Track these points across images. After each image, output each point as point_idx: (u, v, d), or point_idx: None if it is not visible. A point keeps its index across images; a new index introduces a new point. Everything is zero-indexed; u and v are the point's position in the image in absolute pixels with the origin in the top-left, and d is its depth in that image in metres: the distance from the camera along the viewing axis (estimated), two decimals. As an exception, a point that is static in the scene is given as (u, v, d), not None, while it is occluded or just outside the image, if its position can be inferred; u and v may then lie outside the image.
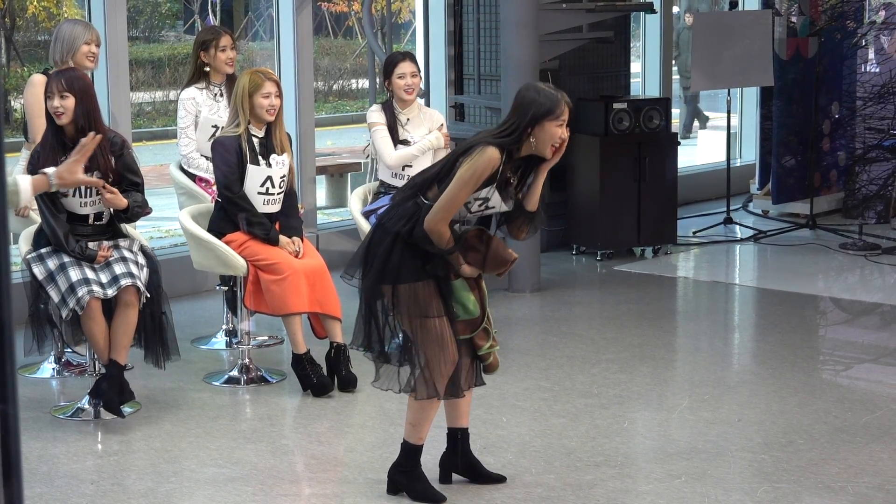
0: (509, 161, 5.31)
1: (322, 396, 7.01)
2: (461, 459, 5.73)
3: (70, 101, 6.44)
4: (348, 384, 7.13)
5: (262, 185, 7.13)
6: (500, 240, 5.49)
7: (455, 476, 5.75)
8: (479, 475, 5.73)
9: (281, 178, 7.17)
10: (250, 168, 7.07)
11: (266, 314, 7.27)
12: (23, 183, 4.82)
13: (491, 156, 5.23)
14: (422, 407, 5.52)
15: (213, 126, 7.90)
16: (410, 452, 5.61)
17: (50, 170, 4.92)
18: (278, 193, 7.20)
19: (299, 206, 7.58)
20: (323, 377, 7.08)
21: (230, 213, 7.16)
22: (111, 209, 6.60)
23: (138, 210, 6.69)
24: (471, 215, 5.39)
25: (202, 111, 8.04)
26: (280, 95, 7.16)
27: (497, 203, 5.35)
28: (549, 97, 5.29)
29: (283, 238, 7.16)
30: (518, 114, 5.31)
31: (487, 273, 5.45)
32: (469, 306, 5.41)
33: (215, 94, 8.07)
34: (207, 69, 8.11)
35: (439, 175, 5.34)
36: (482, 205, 5.33)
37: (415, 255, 5.33)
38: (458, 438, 5.73)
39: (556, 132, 5.29)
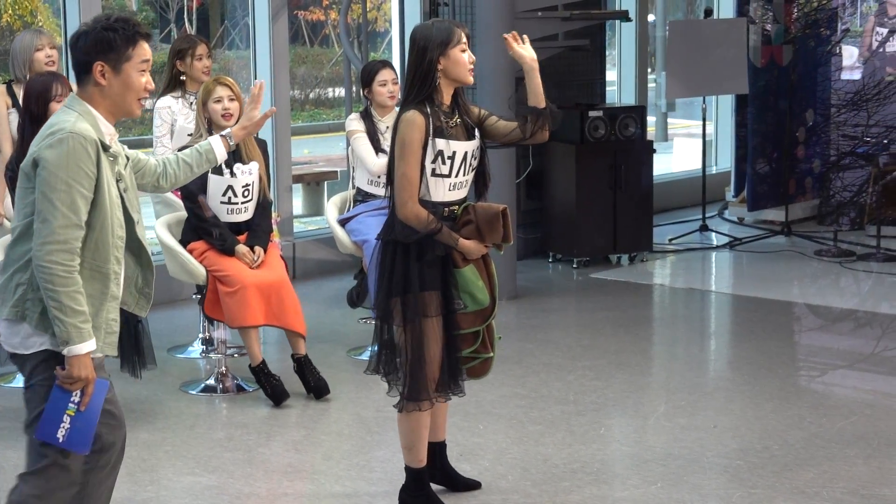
0: (437, 109, 5.22)
1: (279, 405, 6.99)
2: (439, 470, 5.71)
3: None
4: (320, 392, 7.13)
5: (224, 195, 7.12)
6: (481, 202, 5.36)
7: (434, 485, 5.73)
8: (457, 484, 5.72)
9: (244, 186, 7.13)
10: (210, 177, 7.06)
11: (223, 323, 7.27)
12: (215, 143, 4.84)
13: (408, 119, 5.17)
14: (410, 427, 5.43)
15: (188, 135, 7.89)
16: (415, 476, 5.53)
17: (226, 130, 4.98)
18: (243, 203, 7.17)
19: (275, 214, 7.57)
20: (277, 387, 7.06)
21: (191, 222, 7.18)
22: None
23: None
24: (456, 179, 5.26)
25: (178, 120, 8.03)
26: (236, 99, 7.12)
27: (462, 147, 5.24)
28: (441, 26, 5.24)
29: (240, 248, 7.12)
30: (417, 59, 5.22)
31: (488, 241, 5.29)
32: (478, 295, 5.29)
33: (191, 103, 8.06)
34: (183, 78, 8.10)
35: (389, 167, 5.31)
36: (450, 161, 5.22)
37: (416, 259, 5.24)
38: (435, 452, 5.68)
39: (463, 57, 5.22)
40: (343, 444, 6.53)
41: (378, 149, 7.92)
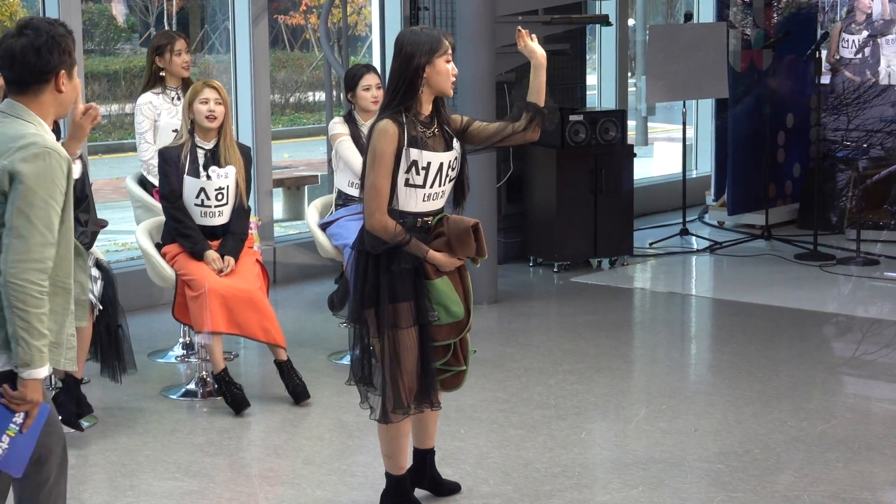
0: (414, 118, 5.18)
1: (239, 414, 6.95)
2: (427, 477, 5.69)
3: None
4: (299, 397, 7.11)
5: (197, 197, 7.11)
6: (454, 215, 5.31)
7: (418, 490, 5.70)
8: (442, 489, 5.71)
9: (217, 190, 7.12)
10: (186, 179, 7.08)
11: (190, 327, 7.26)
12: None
13: (381, 128, 5.13)
14: (390, 436, 5.40)
15: (173, 130, 7.87)
16: (396, 483, 5.51)
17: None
18: (216, 206, 7.16)
19: (255, 218, 7.56)
20: (237, 395, 7.01)
21: (167, 224, 7.18)
22: None
23: (93, 234, 6.66)
24: (431, 190, 5.21)
25: (161, 115, 8.01)
26: (222, 103, 7.12)
27: (438, 158, 5.18)
28: (430, 35, 5.19)
29: (210, 254, 7.10)
30: (402, 66, 5.17)
31: (460, 255, 5.24)
32: (451, 307, 5.25)
33: (172, 98, 8.05)
34: (163, 74, 8.08)
35: (363, 178, 5.28)
36: (424, 171, 5.16)
37: (386, 270, 5.19)
38: (425, 459, 5.67)
39: (447, 68, 5.18)
40: (324, 448, 6.52)
41: (364, 152, 7.90)
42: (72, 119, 5.08)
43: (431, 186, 5.22)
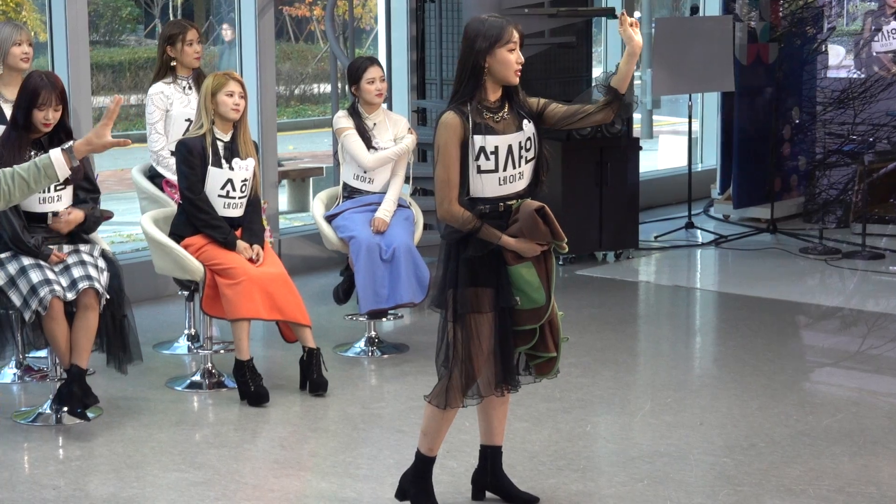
0: (480, 105, 5.17)
1: (257, 406, 6.95)
2: (490, 478, 5.61)
3: (59, 113, 6.54)
4: (318, 388, 7.12)
5: (223, 188, 7.12)
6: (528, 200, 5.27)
7: (489, 494, 5.65)
8: (511, 496, 5.60)
9: (242, 181, 7.15)
10: (211, 170, 7.07)
11: (223, 319, 7.25)
12: (55, 158, 4.65)
13: (443, 122, 5.14)
14: (433, 415, 5.37)
15: (186, 120, 7.86)
16: (421, 462, 5.48)
17: (67, 144, 4.76)
18: (240, 198, 7.18)
19: (263, 202, 7.56)
20: (261, 387, 7.02)
21: (190, 216, 7.14)
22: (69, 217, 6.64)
23: (97, 218, 6.73)
24: (506, 173, 5.19)
25: (174, 105, 7.99)
26: (245, 97, 7.15)
27: (505, 140, 5.17)
28: (494, 24, 5.19)
29: (240, 243, 7.12)
30: (465, 56, 5.18)
31: (532, 240, 5.19)
32: (532, 294, 5.22)
33: (184, 88, 8.03)
34: (174, 64, 8.07)
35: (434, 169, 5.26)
36: (493, 156, 5.15)
37: (472, 260, 5.19)
38: (487, 456, 5.61)
39: (510, 57, 5.17)
40: (329, 441, 6.53)
41: (369, 145, 7.91)
42: (97, 137, 4.97)
43: (505, 169, 5.20)
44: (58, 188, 6.60)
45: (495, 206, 5.22)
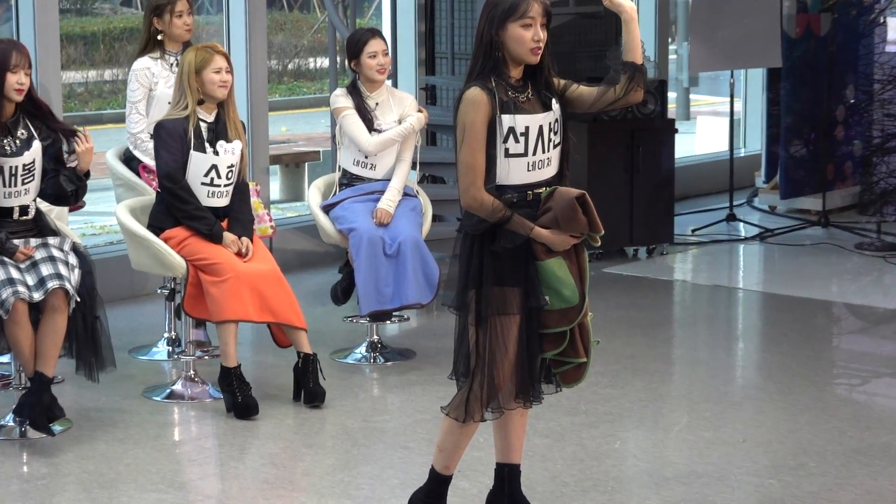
0: (504, 82, 5.15)
1: (245, 419, 6.95)
2: (507, 500, 5.58)
3: (29, 78, 6.64)
4: (315, 398, 7.12)
5: (206, 175, 7.11)
6: (563, 187, 5.25)
7: None
8: None
9: (229, 167, 7.14)
10: (193, 155, 7.06)
11: (208, 321, 7.24)
12: None
13: (469, 98, 5.10)
14: (451, 430, 5.36)
15: (170, 102, 7.86)
16: (435, 482, 5.48)
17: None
18: (225, 185, 7.17)
19: (254, 184, 7.55)
20: (249, 397, 7.01)
21: (171, 206, 7.14)
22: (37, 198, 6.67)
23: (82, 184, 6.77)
24: (535, 157, 5.17)
25: (159, 84, 8.00)
26: (231, 72, 7.14)
27: (536, 121, 5.16)
28: None
29: (227, 235, 7.12)
30: (479, 30, 5.17)
31: (568, 231, 5.19)
32: (564, 292, 5.21)
33: (171, 65, 8.03)
34: (161, 37, 8.07)
35: (455, 152, 5.22)
36: (523, 137, 5.13)
37: (492, 252, 5.16)
38: (504, 475, 5.58)
39: (525, 34, 5.11)
40: (326, 458, 6.53)
41: (371, 127, 7.90)
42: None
43: (534, 153, 5.18)
44: (25, 181, 6.62)
45: (523, 195, 5.20)
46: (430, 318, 8.85)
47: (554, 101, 5.24)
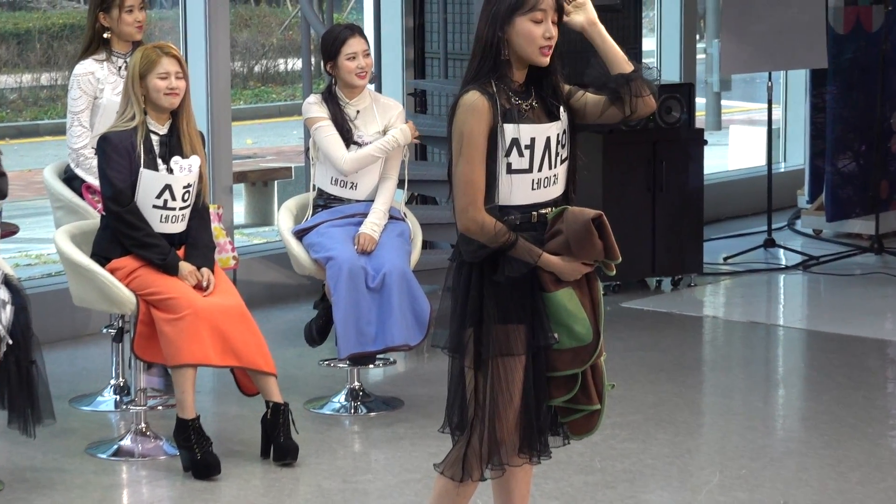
0: (506, 87, 5.15)
1: (205, 479, 6.93)
2: None
3: None
4: (286, 454, 7.12)
5: (159, 197, 7.10)
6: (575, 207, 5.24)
7: None
8: None
9: (185, 187, 7.14)
10: (144, 174, 7.05)
11: (162, 365, 7.24)
12: None
13: (467, 104, 5.09)
14: (446, 491, 5.33)
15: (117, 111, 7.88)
16: None
17: None
18: (181, 208, 7.17)
19: (215, 207, 7.54)
20: (210, 454, 7.00)
21: (118, 232, 7.14)
22: None
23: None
24: (540, 174, 5.17)
25: (105, 91, 8.00)
26: (184, 77, 7.13)
27: (542, 131, 5.16)
28: None
29: (184, 266, 7.10)
30: (481, 25, 5.16)
31: (582, 258, 5.21)
32: (576, 328, 5.19)
33: (119, 68, 8.03)
34: (108, 36, 8.07)
35: (449, 167, 5.21)
36: (528, 151, 5.13)
37: (493, 284, 5.14)
38: None
39: (535, 30, 5.12)
40: (299, 524, 6.54)
41: (349, 140, 7.90)
42: None
43: (540, 169, 5.18)
44: None
45: (527, 216, 5.21)
46: (420, 361, 8.86)
47: (562, 109, 5.25)
